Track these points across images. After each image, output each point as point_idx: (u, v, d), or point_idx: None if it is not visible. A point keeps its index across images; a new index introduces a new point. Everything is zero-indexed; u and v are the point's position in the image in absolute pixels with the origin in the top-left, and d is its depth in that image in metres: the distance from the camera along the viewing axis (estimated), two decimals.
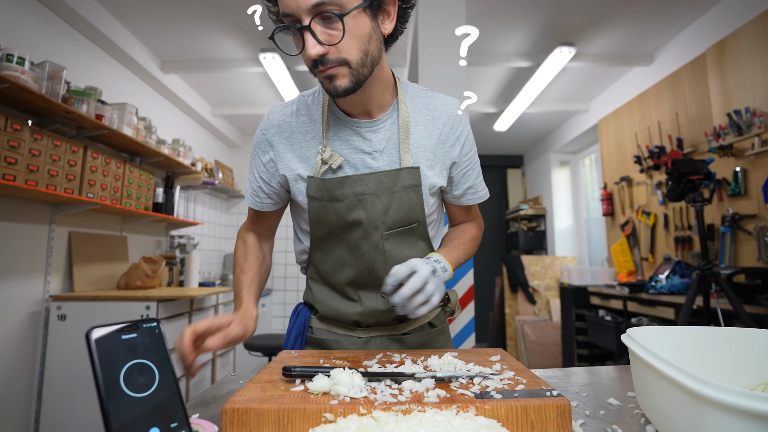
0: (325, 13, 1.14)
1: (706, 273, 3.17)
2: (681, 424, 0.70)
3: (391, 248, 1.43)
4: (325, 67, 1.21)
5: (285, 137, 1.48)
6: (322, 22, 1.16)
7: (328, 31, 1.17)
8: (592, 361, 5.41)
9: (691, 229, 4.71)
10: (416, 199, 1.41)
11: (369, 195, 1.38)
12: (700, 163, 3.31)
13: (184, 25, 4.74)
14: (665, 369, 0.71)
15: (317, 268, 1.57)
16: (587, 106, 7.07)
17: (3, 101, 3.27)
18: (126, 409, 0.59)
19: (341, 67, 1.21)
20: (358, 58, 1.22)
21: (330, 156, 1.39)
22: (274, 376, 1.00)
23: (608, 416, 0.95)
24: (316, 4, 1.13)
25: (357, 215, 1.40)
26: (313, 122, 1.47)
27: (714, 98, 4.36)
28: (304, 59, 1.22)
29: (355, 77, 1.24)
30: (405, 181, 1.39)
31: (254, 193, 1.57)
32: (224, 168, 7.55)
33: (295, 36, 1.22)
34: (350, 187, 1.38)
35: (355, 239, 1.43)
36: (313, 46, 1.16)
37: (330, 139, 1.44)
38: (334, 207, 1.41)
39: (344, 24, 1.16)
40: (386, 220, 1.41)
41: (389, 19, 1.31)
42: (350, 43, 1.20)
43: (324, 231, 1.47)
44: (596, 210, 7.59)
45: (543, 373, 1.35)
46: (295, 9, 1.14)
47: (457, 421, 0.75)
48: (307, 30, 1.15)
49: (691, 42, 4.80)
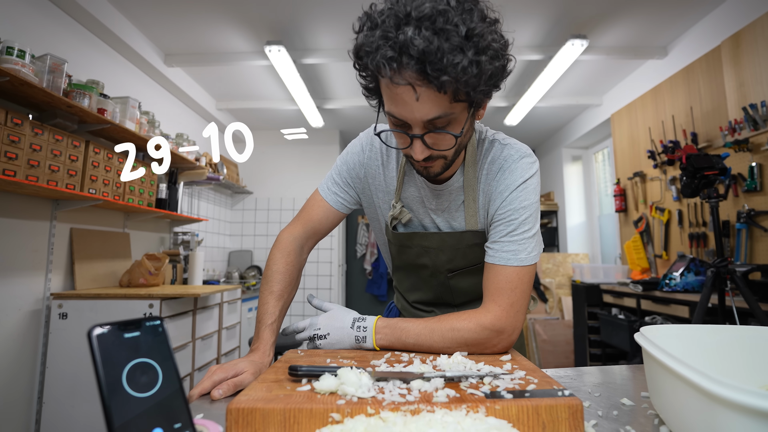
0: (439, 130, 1.18)
1: (722, 270, 3.16)
2: (695, 424, 0.70)
3: (457, 283, 1.59)
4: (426, 163, 1.28)
5: (376, 164, 1.57)
6: (430, 138, 1.21)
7: (436, 136, 1.21)
8: (605, 361, 5.39)
9: (706, 225, 4.69)
10: (480, 251, 1.47)
11: (433, 249, 1.52)
12: (715, 158, 3.29)
13: (188, 18, 4.74)
14: (679, 368, 0.71)
15: (398, 284, 1.80)
16: (600, 99, 7.03)
17: (3, 95, 3.28)
18: (128, 409, 0.59)
19: (439, 161, 1.29)
20: (456, 152, 1.30)
21: (399, 212, 1.52)
22: (280, 376, 1.00)
23: (621, 417, 0.94)
24: (432, 119, 1.15)
25: (424, 261, 1.57)
26: (390, 167, 1.57)
27: (729, 92, 4.33)
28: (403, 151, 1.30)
29: (448, 166, 1.32)
30: (469, 241, 1.48)
31: (338, 193, 1.62)
32: (229, 163, 7.56)
33: (401, 135, 1.26)
34: (418, 241, 1.54)
35: (425, 275, 1.62)
36: (422, 152, 1.22)
37: (403, 190, 1.55)
38: (404, 251, 1.59)
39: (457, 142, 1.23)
40: (450, 267, 1.54)
41: (483, 109, 1.31)
42: (449, 144, 1.24)
43: (400, 263, 1.66)
44: (609, 206, 7.55)
45: (555, 372, 1.34)
46: (410, 120, 1.17)
47: (466, 422, 0.74)
48: (419, 138, 1.20)
49: (705, 34, 4.77)
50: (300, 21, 4.83)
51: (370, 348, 1.32)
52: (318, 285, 8.33)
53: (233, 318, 5.37)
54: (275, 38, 5.09)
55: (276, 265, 1.53)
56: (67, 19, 4.08)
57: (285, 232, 1.62)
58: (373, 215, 1.67)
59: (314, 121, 7.49)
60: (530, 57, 5.45)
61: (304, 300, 8.23)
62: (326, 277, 8.35)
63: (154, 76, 5.47)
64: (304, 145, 8.71)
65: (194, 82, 6.36)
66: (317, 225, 1.63)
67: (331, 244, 8.47)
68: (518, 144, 1.46)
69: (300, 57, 5.42)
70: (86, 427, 3.52)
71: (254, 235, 8.46)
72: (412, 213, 1.54)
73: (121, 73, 4.92)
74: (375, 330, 1.32)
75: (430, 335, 1.30)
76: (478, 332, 1.28)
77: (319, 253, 8.40)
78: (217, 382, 1.12)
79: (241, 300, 5.73)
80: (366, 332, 1.32)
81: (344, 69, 6.02)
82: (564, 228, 8.51)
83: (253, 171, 8.58)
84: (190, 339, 4.22)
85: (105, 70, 4.58)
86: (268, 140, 8.66)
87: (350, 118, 7.96)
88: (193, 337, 4.29)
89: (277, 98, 7.06)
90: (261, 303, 1.47)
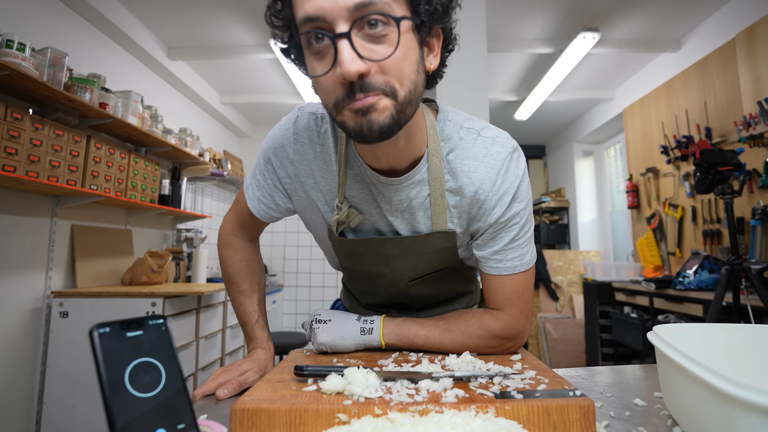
0: (372, 16, 0.90)
1: (736, 268, 3.15)
2: (710, 425, 0.70)
3: (419, 290, 1.41)
4: (365, 95, 0.93)
5: (308, 158, 1.29)
6: (365, 36, 0.92)
7: (370, 46, 0.92)
8: (617, 360, 5.40)
9: (720, 222, 4.68)
10: (448, 256, 1.30)
11: (393, 256, 1.29)
12: (729, 153, 3.28)
13: (191, 10, 4.74)
14: (693, 368, 0.70)
15: (349, 284, 1.63)
16: (612, 94, 7.01)
17: (3, 89, 3.28)
18: (131, 410, 0.59)
19: (385, 97, 0.95)
20: (407, 90, 0.97)
21: (347, 215, 1.26)
22: (285, 376, 1.00)
23: (634, 417, 0.94)
24: (360, 5, 0.88)
25: (381, 270, 1.34)
26: (327, 159, 1.28)
27: (744, 86, 4.31)
28: (324, 88, 0.99)
29: (397, 115, 0.97)
30: (436, 245, 1.27)
31: (262, 200, 1.39)
32: (233, 159, 7.57)
33: (319, 54, 0.96)
34: (373, 248, 1.29)
35: (382, 284, 1.40)
36: (352, 61, 0.88)
37: (347, 188, 1.27)
38: (357, 260, 1.36)
39: (399, 33, 0.93)
40: (413, 274, 1.34)
41: (433, 53, 1.09)
42: (400, 66, 0.95)
43: (351, 268, 1.43)
44: (621, 202, 7.53)
45: (566, 372, 1.34)
46: (329, 9, 0.88)
47: (476, 423, 0.74)
48: (345, 37, 0.89)
49: (720, 27, 4.75)
50: None
51: (376, 342, 1.24)
52: (324, 283, 8.27)
53: None
54: None
55: (232, 265, 1.47)
56: (67, 11, 4.08)
57: (225, 230, 1.52)
58: (312, 219, 1.40)
59: None
60: (541, 50, 5.44)
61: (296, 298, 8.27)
62: (332, 275, 8.27)
63: (157, 69, 5.47)
64: None
65: (198, 76, 6.35)
66: (252, 223, 1.48)
67: None
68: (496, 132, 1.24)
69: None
70: (87, 428, 3.52)
71: None
72: (362, 215, 1.28)
73: (123, 67, 4.92)
74: (383, 325, 1.25)
75: (440, 338, 1.24)
76: (489, 340, 1.25)
77: (324, 263, 8.24)
78: (221, 383, 1.12)
79: None
80: (373, 324, 1.25)
81: None
82: (575, 225, 8.50)
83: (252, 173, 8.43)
84: (193, 338, 4.24)
85: (107, 64, 4.58)
86: None
87: None
88: (197, 336, 4.31)
89: (282, 92, 7.05)
90: (236, 307, 1.44)
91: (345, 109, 0.96)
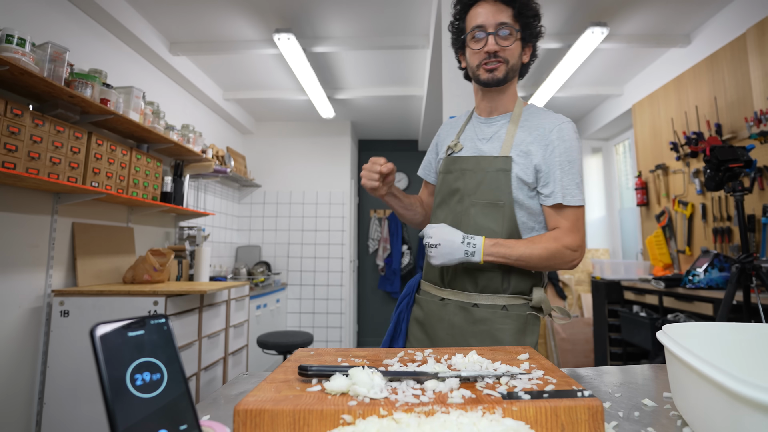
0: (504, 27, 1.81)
1: (747, 266, 3.15)
2: (720, 426, 0.70)
3: (476, 215, 1.87)
4: (495, 60, 1.84)
5: (445, 131, 2.21)
6: (499, 37, 1.82)
7: (501, 41, 1.83)
8: (626, 360, 5.38)
9: (731, 219, 4.66)
10: (504, 180, 1.83)
11: (468, 170, 1.92)
12: (740, 150, 3.27)
13: (194, 5, 4.74)
14: (703, 368, 0.70)
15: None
16: (621, 89, 6.99)
17: (2, 85, 3.29)
18: (132, 410, 0.59)
19: (502, 64, 1.85)
20: (513, 63, 1.88)
21: (455, 144, 2.02)
22: (289, 376, 1.00)
23: (643, 418, 0.94)
24: (501, 23, 1.81)
25: (458, 185, 1.94)
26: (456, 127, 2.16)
27: (755, 81, 4.29)
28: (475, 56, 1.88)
29: (506, 73, 1.87)
30: (497, 165, 1.85)
31: (424, 164, 2.30)
32: (237, 155, 7.58)
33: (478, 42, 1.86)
34: (459, 164, 1.96)
35: (453, 204, 1.95)
36: (494, 44, 1.82)
37: (463, 133, 2.07)
38: (447, 178, 2.00)
39: (515, 39, 1.85)
40: (477, 192, 1.87)
41: (525, 55, 1.97)
42: (511, 51, 1.86)
43: (439, 200, 2.03)
44: (630, 200, 7.51)
45: (574, 372, 1.34)
46: (487, 22, 1.82)
47: (483, 424, 0.74)
48: (493, 35, 1.82)
49: (730, 22, 4.72)
50: (310, 8, 4.82)
51: (477, 260, 1.73)
52: (329, 281, 8.31)
53: (241, 316, 5.39)
54: (284, 26, 5.10)
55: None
56: (68, 6, 4.08)
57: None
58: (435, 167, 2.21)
59: (325, 111, 7.48)
60: (548, 45, 5.41)
61: (301, 297, 8.31)
62: (337, 273, 8.32)
63: (159, 65, 5.47)
64: (314, 136, 8.69)
65: (200, 72, 6.36)
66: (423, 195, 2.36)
67: (342, 239, 8.44)
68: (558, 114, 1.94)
69: (310, 45, 5.41)
70: (88, 429, 3.53)
71: (263, 229, 8.44)
72: (463, 146, 2.00)
73: (125, 62, 4.92)
74: (484, 247, 1.72)
75: (530, 251, 1.73)
76: (563, 250, 1.76)
77: (329, 248, 8.37)
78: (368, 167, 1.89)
79: (249, 297, 5.74)
80: (475, 248, 1.72)
81: (356, 57, 6.02)
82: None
83: (262, 163, 8.57)
84: (196, 337, 4.24)
85: (108, 59, 4.59)
86: (277, 132, 8.68)
87: (362, 108, 7.94)
88: (200, 335, 4.31)
89: (286, 88, 7.06)
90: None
91: (481, 68, 1.87)
